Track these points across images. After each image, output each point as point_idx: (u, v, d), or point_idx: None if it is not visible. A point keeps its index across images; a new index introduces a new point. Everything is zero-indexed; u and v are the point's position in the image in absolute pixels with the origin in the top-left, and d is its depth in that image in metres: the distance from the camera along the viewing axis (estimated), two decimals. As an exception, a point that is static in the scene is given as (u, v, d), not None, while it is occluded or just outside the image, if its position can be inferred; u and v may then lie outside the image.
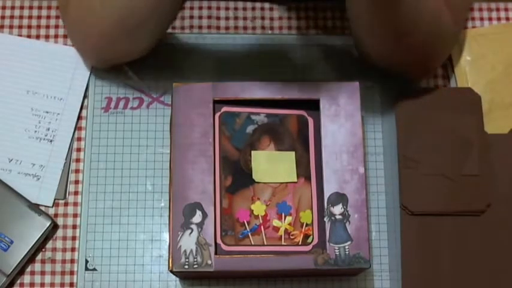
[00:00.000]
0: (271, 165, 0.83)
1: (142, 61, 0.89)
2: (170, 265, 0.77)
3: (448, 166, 0.85)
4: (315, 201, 0.82)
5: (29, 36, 0.93)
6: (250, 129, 0.84)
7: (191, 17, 0.95)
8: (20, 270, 0.85)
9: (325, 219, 0.79)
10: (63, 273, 0.85)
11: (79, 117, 0.90)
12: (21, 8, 0.94)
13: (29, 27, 0.94)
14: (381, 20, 0.79)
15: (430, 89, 0.92)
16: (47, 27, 0.94)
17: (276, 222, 0.81)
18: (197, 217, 0.78)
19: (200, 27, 0.95)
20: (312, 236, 0.81)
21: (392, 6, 0.77)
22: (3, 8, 0.94)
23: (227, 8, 0.96)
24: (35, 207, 0.85)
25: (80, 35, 0.86)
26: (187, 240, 0.78)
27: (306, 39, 0.94)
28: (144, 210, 0.87)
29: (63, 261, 0.86)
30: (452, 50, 0.93)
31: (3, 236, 0.84)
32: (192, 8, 0.96)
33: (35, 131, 0.89)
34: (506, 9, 0.96)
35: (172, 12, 0.84)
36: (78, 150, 0.89)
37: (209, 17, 0.95)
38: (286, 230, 0.81)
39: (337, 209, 0.80)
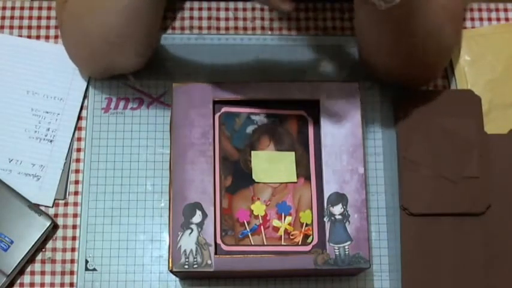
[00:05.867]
0: (271, 165, 0.83)
1: (142, 61, 0.90)
2: (170, 265, 0.77)
3: (448, 168, 0.85)
4: (314, 201, 0.82)
5: (29, 37, 0.93)
6: (250, 129, 0.84)
7: (191, 18, 0.95)
8: (20, 270, 0.85)
9: (325, 219, 0.79)
10: (63, 273, 0.85)
11: (79, 118, 0.90)
12: (22, 8, 0.95)
13: (29, 27, 0.94)
14: (390, 38, 0.80)
15: (430, 90, 0.92)
16: (47, 27, 0.94)
17: (275, 222, 0.81)
18: (197, 217, 0.79)
19: (200, 28, 0.95)
20: (311, 236, 0.81)
21: (400, 26, 0.77)
22: (4, 8, 0.94)
23: (227, 9, 0.96)
24: (35, 207, 0.85)
25: (73, 50, 0.87)
26: (187, 240, 0.78)
27: (306, 39, 0.94)
28: (144, 210, 0.87)
29: (63, 261, 0.86)
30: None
31: (3, 236, 0.84)
32: (192, 9, 0.96)
33: (35, 131, 0.89)
34: (505, 10, 0.96)
35: (154, 25, 0.85)
36: (78, 150, 0.89)
37: (209, 18, 0.95)
38: (286, 230, 0.81)
39: (337, 209, 0.80)
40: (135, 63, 0.87)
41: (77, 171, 0.88)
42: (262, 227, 0.81)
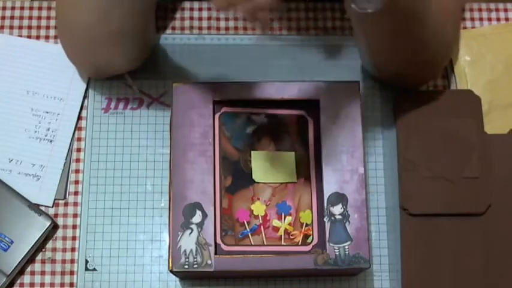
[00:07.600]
0: (271, 165, 0.83)
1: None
2: (170, 265, 0.77)
3: (448, 169, 0.85)
4: (314, 201, 0.82)
5: (29, 37, 0.93)
6: (250, 129, 0.84)
7: (191, 18, 0.95)
8: (20, 270, 0.85)
9: (325, 219, 0.79)
10: (63, 273, 0.85)
11: (79, 117, 0.90)
12: (22, 8, 0.95)
13: (29, 27, 0.94)
14: (389, 38, 0.79)
15: (430, 90, 0.92)
16: (47, 27, 0.94)
17: (275, 222, 0.81)
18: (197, 217, 0.79)
19: (200, 28, 0.95)
20: (311, 236, 0.81)
21: (401, 27, 0.77)
22: (4, 8, 0.94)
23: (227, 9, 0.96)
24: (35, 207, 0.85)
25: (66, 48, 0.87)
26: (187, 240, 0.78)
27: (306, 39, 0.94)
28: (144, 210, 0.87)
29: (63, 261, 0.86)
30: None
31: (3, 236, 0.84)
32: (192, 9, 0.96)
33: (35, 131, 0.89)
34: (505, 10, 0.96)
35: (144, 25, 0.84)
36: (78, 150, 0.89)
37: (209, 18, 0.95)
38: (286, 230, 0.81)
39: (337, 209, 0.80)
40: (129, 64, 0.87)
41: (77, 171, 0.89)
42: (262, 227, 0.81)
